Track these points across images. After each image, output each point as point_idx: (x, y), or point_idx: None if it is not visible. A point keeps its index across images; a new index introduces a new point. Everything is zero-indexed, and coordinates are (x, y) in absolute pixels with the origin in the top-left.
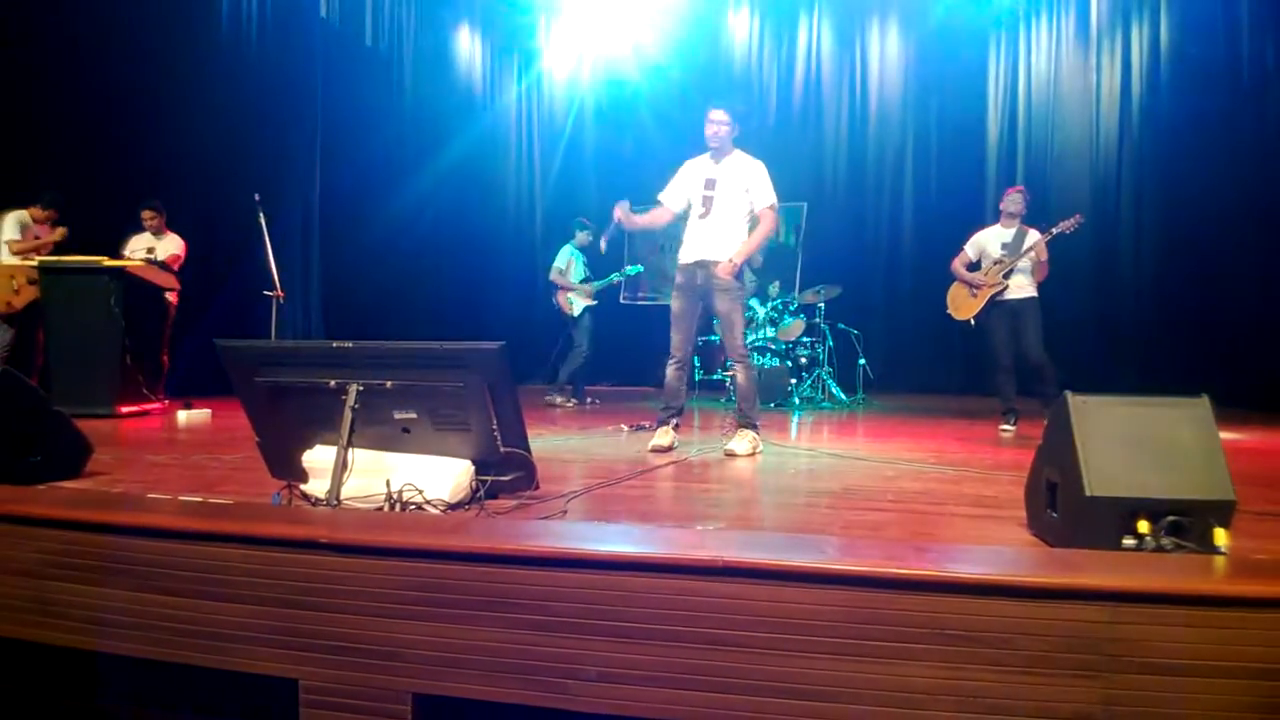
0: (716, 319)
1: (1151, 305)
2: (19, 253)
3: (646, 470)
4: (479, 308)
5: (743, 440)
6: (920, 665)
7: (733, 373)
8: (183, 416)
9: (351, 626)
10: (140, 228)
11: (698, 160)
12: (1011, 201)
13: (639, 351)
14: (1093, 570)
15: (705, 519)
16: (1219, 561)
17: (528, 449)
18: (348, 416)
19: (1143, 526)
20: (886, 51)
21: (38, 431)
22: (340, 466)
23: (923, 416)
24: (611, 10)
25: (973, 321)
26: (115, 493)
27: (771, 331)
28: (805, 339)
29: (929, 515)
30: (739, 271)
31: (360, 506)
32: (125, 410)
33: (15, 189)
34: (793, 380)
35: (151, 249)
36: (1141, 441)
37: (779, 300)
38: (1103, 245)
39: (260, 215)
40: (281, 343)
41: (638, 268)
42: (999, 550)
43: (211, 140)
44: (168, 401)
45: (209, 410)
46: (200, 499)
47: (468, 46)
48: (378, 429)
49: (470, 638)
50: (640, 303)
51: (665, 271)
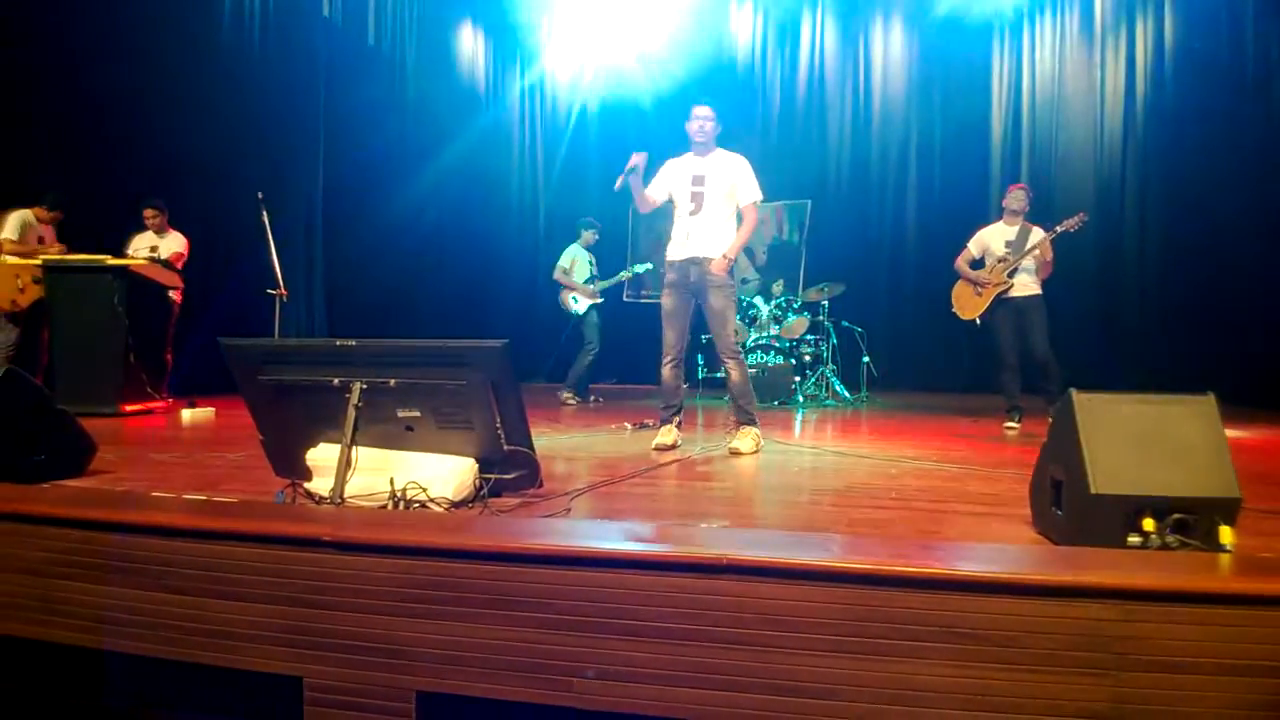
0: (708, 315)
1: (1156, 302)
2: (14, 253)
3: (650, 468)
4: (482, 306)
5: (745, 438)
6: (925, 663)
7: (727, 370)
8: (186, 415)
9: (355, 624)
10: (142, 227)
11: (681, 159)
12: (1014, 199)
13: (643, 349)
14: (1098, 568)
15: (709, 517)
16: (1225, 559)
17: (531, 447)
18: (351, 415)
19: (1148, 524)
20: (890, 49)
21: (42, 430)
22: (344, 465)
23: (927, 414)
24: (614, 8)
25: (978, 321)
26: (119, 491)
27: (775, 329)
28: (809, 336)
29: (933, 513)
30: (730, 267)
31: (364, 505)
32: (129, 409)
33: (19, 189)
34: (796, 378)
35: (154, 248)
36: (1147, 439)
37: (783, 298)
38: (1107, 242)
39: (263, 214)
40: (285, 341)
41: (647, 266)
42: (1004, 548)
43: (214, 139)
44: (171, 400)
45: (213, 408)
46: (204, 497)
47: (470, 45)
48: (381, 427)
49: (474, 635)
50: (644, 300)
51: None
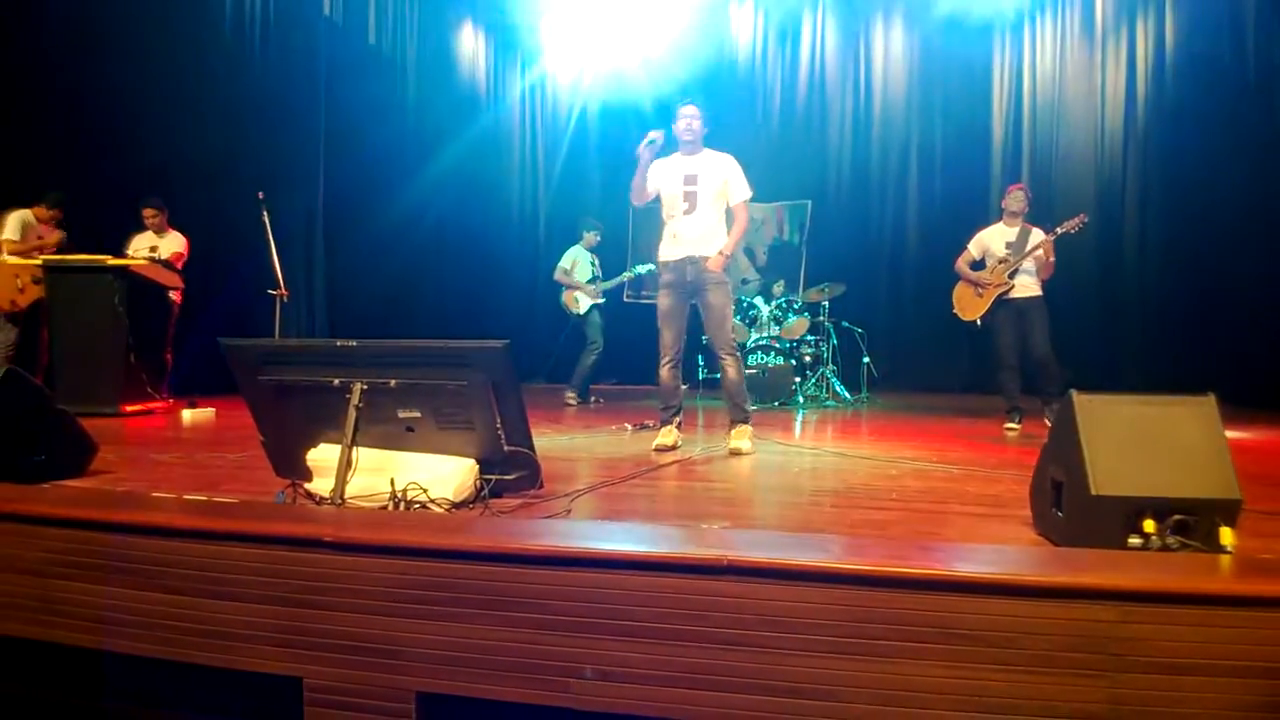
0: (707, 313)
1: (1156, 303)
2: (15, 253)
3: (650, 469)
4: (482, 306)
5: (744, 437)
6: (925, 664)
7: (723, 367)
8: (187, 415)
9: (356, 625)
10: (142, 226)
11: (669, 159)
12: (1014, 200)
13: (643, 350)
14: (1098, 569)
15: (709, 518)
16: (1225, 561)
17: (531, 448)
18: (352, 415)
19: (1148, 526)
20: (891, 49)
21: (42, 430)
22: (344, 465)
23: (927, 415)
24: (614, 9)
25: (979, 322)
26: (119, 491)
27: (775, 329)
28: (809, 337)
29: (933, 514)
30: (726, 265)
31: (364, 505)
32: (129, 409)
33: (19, 188)
34: (797, 378)
35: (154, 247)
36: (1147, 440)
37: (783, 298)
38: (1108, 244)
39: (264, 214)
40: (286, 341)
41: (649, 266)
42: (1004, 549)
43: (214, 139)
44: (172, 400)
45: (213, 409)
46: (204, 498)
47: (471, 45)
48: (382, 428)
49: (474, 636)
50: (644, 301)
51: None
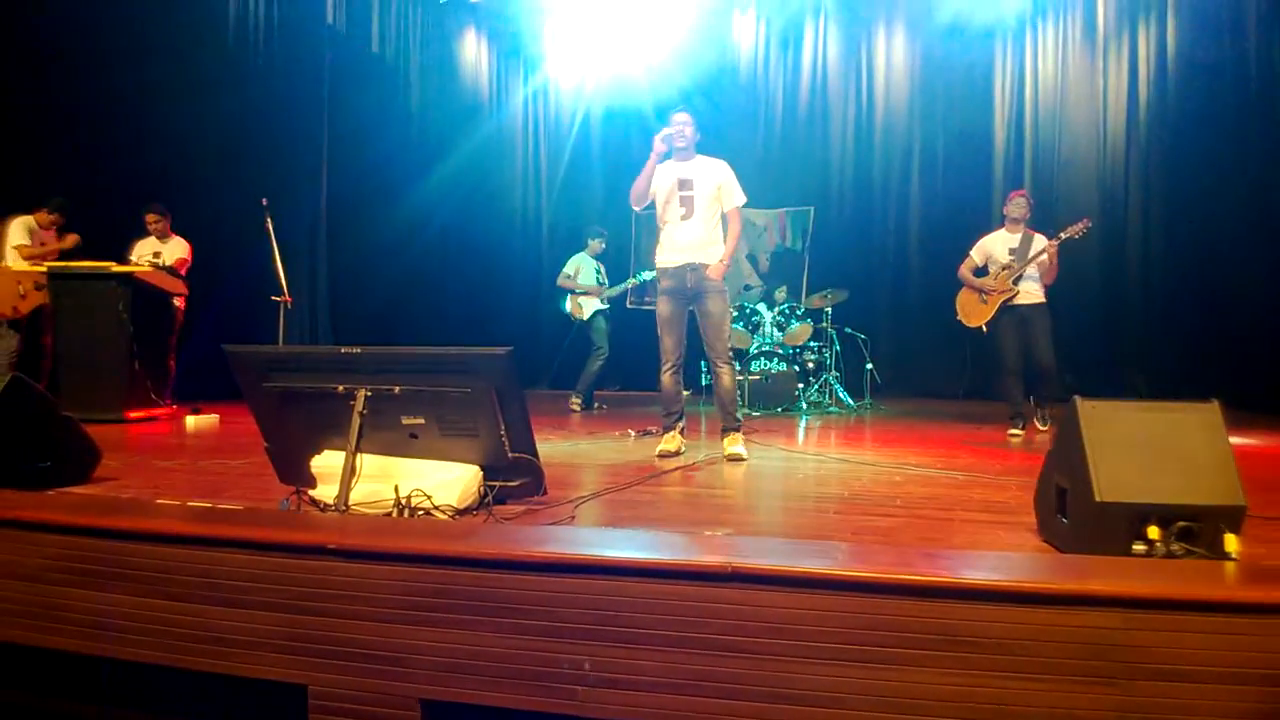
0: (705, 321)
1: (1160, 309)
2: (28, 258)
3: (654, 475)
4: (485, 312)
5: (737, 444)
6: (930, 672)
7: (718, 375)
8: (191, 422)
9: (360, 632)
10: (144, 232)
11: (664, 166)
12: (1016, 206)
13: (647, 356)
14: (1103, 576)
15: (713, 524)
16: (1230, 567)
17: (535, 454)
18: (356, 422)
19: (1153, 532)
20: (893, 56)
21: (46, 437)
22: (349, 472)
23: (930, 421)
24: (617, 16)
25: (984, 328)
26: (123, 498)
27: (778, 336)
28: (812, 344)
29: (938, 521)
30: (725, 272)
31: (368, 512)
32: (133, 415)
33: (21, 194)
34: (800, 385)
35: (158, 253)
36: (1152, 447)
37: (786, 305)
38: (1110, 249)
39: (268, 220)
40: (290, 348)
41: (654, 273)
42: (1009, 556)
43: (218, 146)
44: (176, 407)
45: (217, 415)
46: (208, 504)
47: (473, 52)
48: (386, 434)
49: (478, 643)
50: (647, 307)
51: None
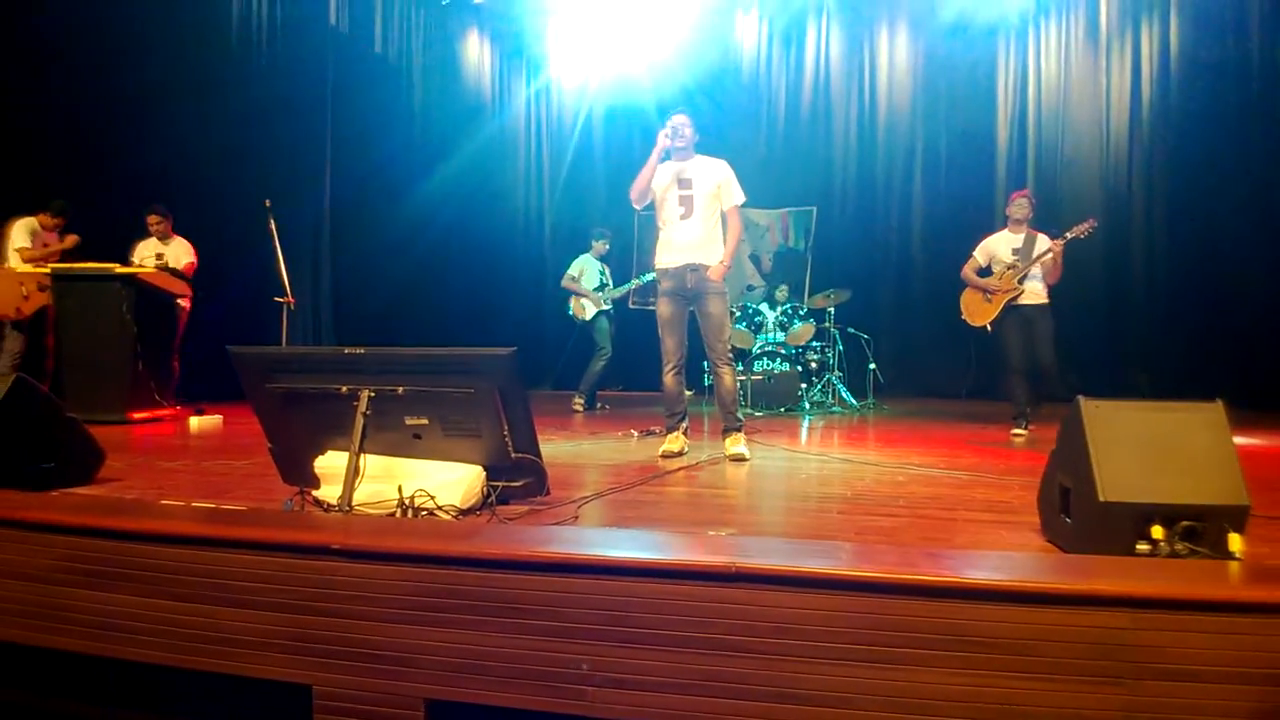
0: (705, 322)
1: (1163, 308)
2: (29, 260)
3: (658, 475)
4: (488, 313)
5: (739, 444)
6: (934, 672)
7: (719, 375)
8: (194, 422)
9: (364, 632)
10: (146, 233)
11: (662, 166)
12: (1018, 207)
13: (649, 356)
14: (1108, 576)
15: (717, 524)
16: (1234, 567)
17: (539, 454)
18: (359, 422)
19: (1157, 532)
20: (895, 55)
21: (50, 438)
22: (352, 472)
23: (933, 421)
24: (620, 16)
25: (989, 327)
26: (127, 499)
27: (781, 336)
28: (815, 343)
29: (941, 520)
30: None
31: (372, 512)
32: (136, 416)
33: (24, 196)
34: (803, 385)
35: (160, 254)
36: (1155, 447)
37: (788, 304)
38: (1114, 248)
39: (271, 222)
40: (293, 349)
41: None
42: (1012, 556)
43: (221, 147)
44: (179, 408)
45: (220, 416)
46: (212, 505)
47: (476, 53)
48: (389, 435)
49: (483, 643)
50: (650, 308)
51: None
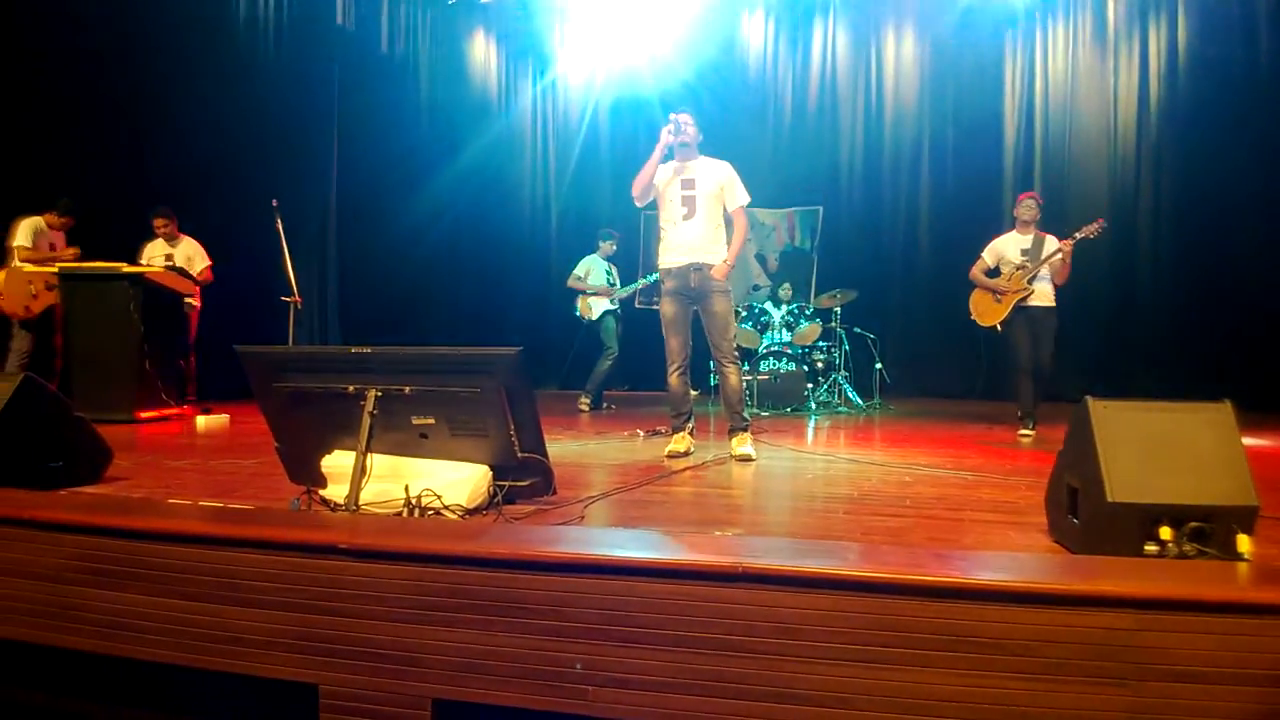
0: (709, 321)
1: (1171, 308)
2: (27, 262)
3: (663, 475)
4: (495, 312)
5: (748, 443)
6: (941, 673)
7: (725, 375)
8: (201, 422)
9: (371, 632)
10: (152, 235)
11: (665, 166)
12: (1026, 208)
13: (655, 356)
14: (1115, 577)
15: (723, 524)
16: (1242, 568)
17: (545, 454)
18: (366, 422)
19: (1165, 533)
20: (902, 54)
21: (58, 437)
22: (359, 472)
23: (940, 421)
24: (626, 14)
25: (999, 327)
26: (135, 498)
27: (788, 336)
28: (821, 343)
29: (948, 521)
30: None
31: (379, 512)
32: (144, 415)
33: (31, 195)
34: (809, 385)
35: (169, 255)
36: (1163, 447)
37: (795, 304)
38: (1121, 248)
39: (278, 221)
40: (301, 348)
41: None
42: (1020, 557)
43: (229, 146)
44: (186, 407)
45: (227, 415)
46: (219, 504)
47: (482, 52)
48: (396, 434)
49: (489, 643)
50: (655, 307)
51: None
